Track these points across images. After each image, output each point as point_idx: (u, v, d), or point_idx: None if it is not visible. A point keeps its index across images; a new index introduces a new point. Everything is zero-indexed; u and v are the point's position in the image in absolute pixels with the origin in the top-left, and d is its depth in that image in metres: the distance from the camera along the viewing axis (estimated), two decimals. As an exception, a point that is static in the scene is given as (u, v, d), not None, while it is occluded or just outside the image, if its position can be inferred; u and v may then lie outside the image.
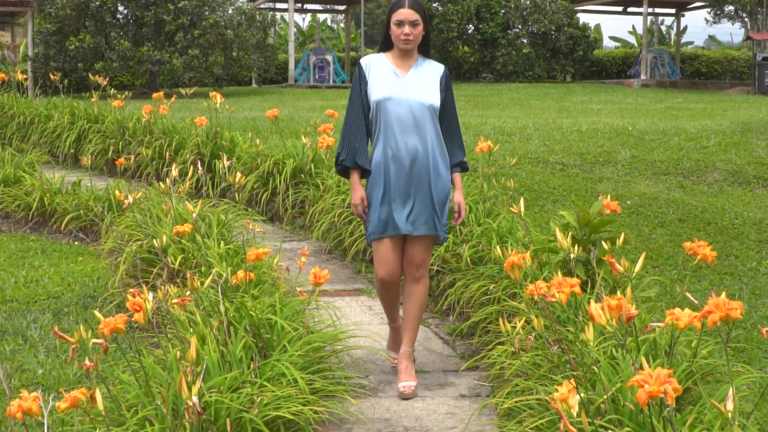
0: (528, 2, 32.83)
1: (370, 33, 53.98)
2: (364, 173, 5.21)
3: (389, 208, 5.11)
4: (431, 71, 5.23)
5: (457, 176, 5.30)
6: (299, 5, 36.94)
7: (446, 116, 5.24)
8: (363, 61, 5.27)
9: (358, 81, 5.22)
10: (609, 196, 5.93)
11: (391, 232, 5.12)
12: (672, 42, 40.78)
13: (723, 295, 2.97)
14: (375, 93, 5.14)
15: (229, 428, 3.67)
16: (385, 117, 5.11)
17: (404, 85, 5.13)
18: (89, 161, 9.36)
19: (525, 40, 32.94)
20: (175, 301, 4.26)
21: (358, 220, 7.61)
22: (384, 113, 5.11)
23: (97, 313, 3.80)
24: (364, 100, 5.18)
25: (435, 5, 31.55)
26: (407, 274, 5.26)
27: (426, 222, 5.14)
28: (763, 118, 15.87)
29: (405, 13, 5.09)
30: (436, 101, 5.14)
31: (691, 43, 46.34)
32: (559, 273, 4.30)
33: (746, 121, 15.07)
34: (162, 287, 4.41)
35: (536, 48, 32.88)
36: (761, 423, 3.80)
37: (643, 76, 31.96)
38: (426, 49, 5.29)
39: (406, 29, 5.09)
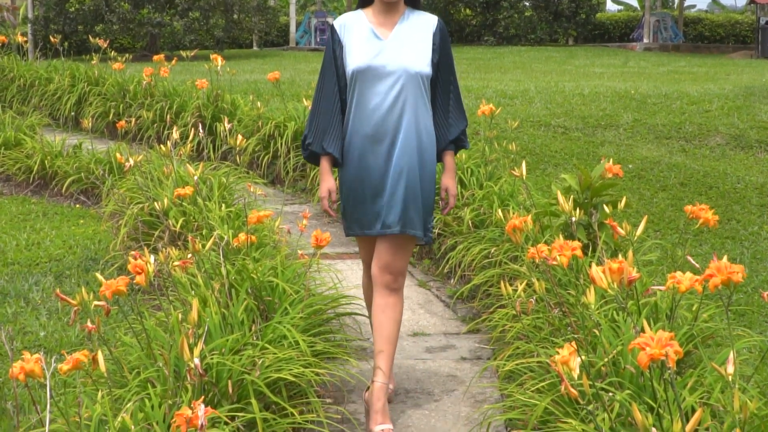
0: (531, -36, 32.65)
1: None
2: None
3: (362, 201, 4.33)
4: (421, 27, 4.29)
5: (449, 156, 4.41)
6: (300, -33, 36.72)
7: (441, 81, 4.34)
8: (337, 23, 4.33)
9: (331, 46, 4.29)
10: (611, 159, 5.91)
11: (365, 230, 4.34)
12: (675, 5, 40.56)
13: (724, 258, 2.97)
14: (352, 60, 4.23)
15: (230, 390, 3.68)
16: (360, 90, 4.23)
17: (386, 50, 4.22)
18: (90, 124, 9.34)
19: (527, 3, 32.76)
20: (176, 263, 4.27)
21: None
22: (360, 85, 4.23)
23: (98, 275, 3.80)
24: (339, 70, 4.28)
25: (437, -33, 31.37)
26: (378, 282, 4.34)
27: (402, 219, 4.24)
28: (766, 82, 15.81)
29: None
30: (426, 67, 4.23)
31: (694, 6, 46.13)
32: (561, 236, 4.29)
33: (749, 85, 15.02)
34: (163, 250, 4.41)
35: (538, 11, 32.70)
36: (761, 386, 3.81)
37: (645, 40, 31.80)
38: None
39: None
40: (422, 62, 4.22)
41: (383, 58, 4.20)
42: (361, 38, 4.26)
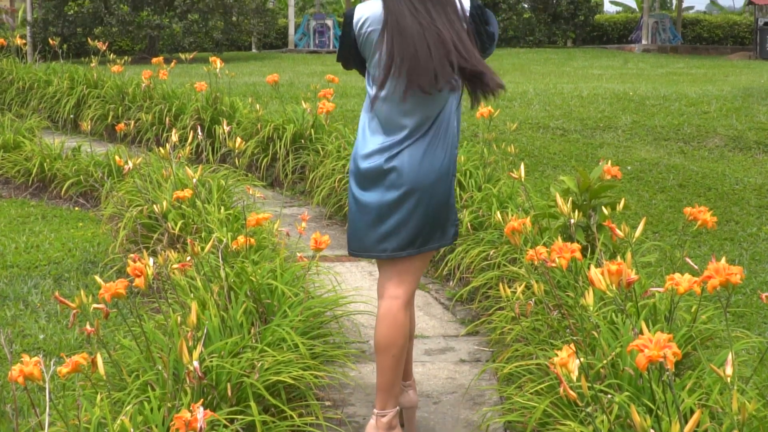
0: (529, -33, 32.67)
1: None
2: None
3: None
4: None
5: None
6: (299, -31, 36.75)
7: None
8: (356, 15, 3.82)
9: (351, 35, 3.85)
10: (609, 161, 5.91)
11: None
12: (673, 7, 40.60)
13: (723, 260, 2.97)
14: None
15: (229, 393, 3.68)
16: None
17: None
18: (89, 126, 9.35)
19: (526, 5, 32.81)
20: (175, 266, 4.27)
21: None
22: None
23: (97, 278, 3.80)
24: (357, 58, 3.90)
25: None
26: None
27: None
28: (764, 83, 15.82)
29: None
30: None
31: (693, 7, 46.16)
32: (560, 238, 4.29)
33: (747, 86, 15.02)
34: (162, 252, 4.41)
35: (537, 13, 32.74)
36: (760, 388, 3.82)
37: (644, 41, 31.83)
38: None
39: None
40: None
41: None
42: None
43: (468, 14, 3.77)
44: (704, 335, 4.26)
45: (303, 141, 9.30)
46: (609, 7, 48.42)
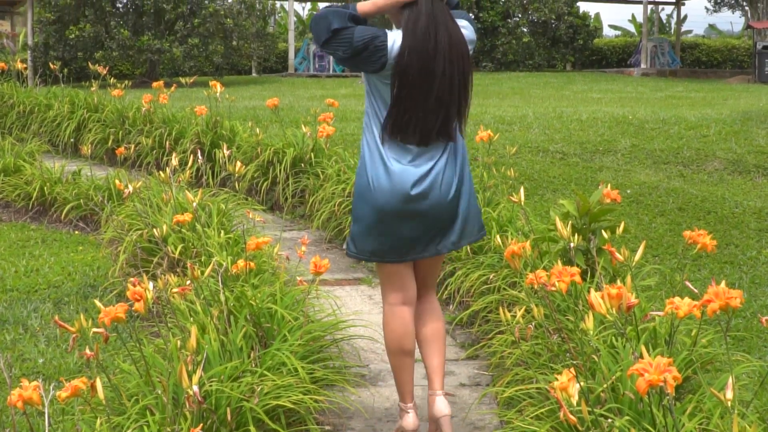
0: (528, -9, 32.80)
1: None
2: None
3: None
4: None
5: None
6: (299, -6, 36.90)
7: None
8: (389, 38, 4.01)
9: (373, 47, 3.99)
10: (609, 185, 5.93)
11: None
12: (672, 31, 40.72)
13: (723, 283, 2.97)
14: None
15: (229, 417, 3.67)
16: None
17: None
18: (89, 150, 9.35)
19: (525, 29, 32.91)
20: (175, 290, 4.26)
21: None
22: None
23: (97, 302, 3.80)
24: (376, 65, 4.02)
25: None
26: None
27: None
28: (763, 106, 15.85)
29: None
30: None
31: (691, 31, 46.31)
32: (559, 262, 4.29)
33: (746, 110, 15.05)
34: (162, 276, 4.41)
35: (536, 37, 32.85)
36: (761, 412, 3.81)
37: (643, 65, 31.94)
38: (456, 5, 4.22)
39: None
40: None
41: None
42: None
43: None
44: (704, 359, 4.26)
45: (303, 165, 9.31)
46: (608, 31, 48.72)
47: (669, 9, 42.80)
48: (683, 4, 37.62)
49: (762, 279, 7.04)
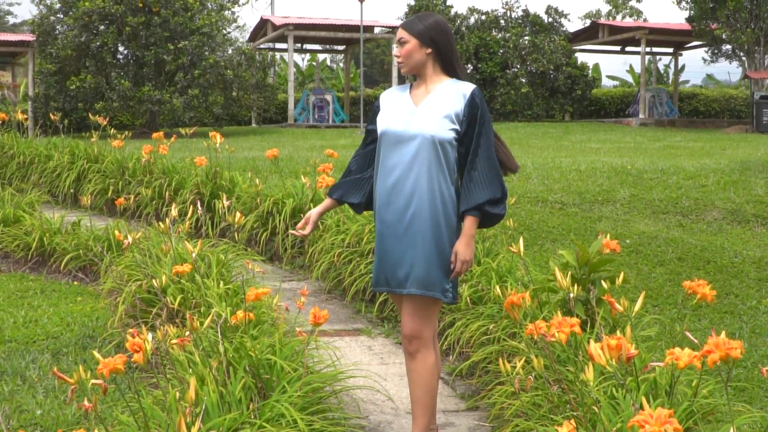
0: (526, 42, 33.08)
1: (369, 72, 54.28)
2: (369, 204, 4.65)
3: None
4: (453, 94, 4.35)
5: (467, 221, 4.28)
6: (299, 45, 37.19)
7: (471, 148, 4.32)
8: (384, 92, 4.64)
9: (374, 113, 4.59)
10: (608, 235, 5.93)
11: (383, 287, 4.50)
12: (670, 81, 41.02)
13: (723, 334, 2.97)
14: (380, 124, 4.45)
15: (228, 470, 3.65)
16: (383, 151, 4.42)
17: (414, 116, 4.34)
18: (89, 201, 9.37)
19: (524, 80, 33.15)
20: (174, 341, 4.26)
21: (358, 259, 7.60)
22: (383, 147, 4.42)
23: (96, 353, 3.79)
24: (373, 133, 4.56)
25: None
26: (402, 346, 4.58)
27: (418, 278, 4.34)
28: (761, 156, 15.92)
29: (397, 33, 4.45)
30: (445, 132, 4.28)
31: (689, 81, 46.62)
32: (559, 312, 4.29)
33: (745, 159, 15.12)
34: (161, 327, 4.40)
35: (535, 87, 33.08)
36: (763, 463, 3.79)
37: (641, 115, 32.10)
38: (452, 69, 4.43)
39: (395, 50, 4.48)
40: (442, 127, 4.28)
41: (407, 124, 4.34)
42: (397, 106, 4.44)
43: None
44: (705, 410, 4.24)
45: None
46: (606, 82, 48.95)
47: (667, 59, 43.21)
48: (681, 55, 37.93)
49: (762, 329, 7.02)
